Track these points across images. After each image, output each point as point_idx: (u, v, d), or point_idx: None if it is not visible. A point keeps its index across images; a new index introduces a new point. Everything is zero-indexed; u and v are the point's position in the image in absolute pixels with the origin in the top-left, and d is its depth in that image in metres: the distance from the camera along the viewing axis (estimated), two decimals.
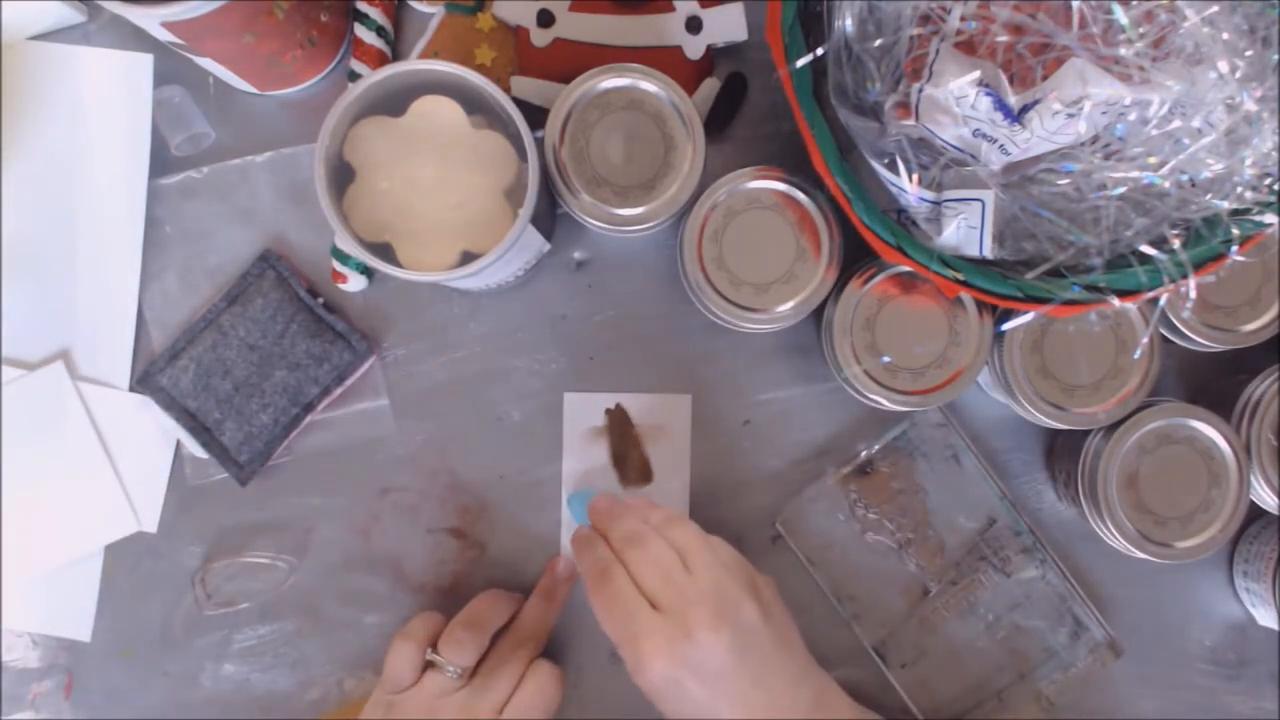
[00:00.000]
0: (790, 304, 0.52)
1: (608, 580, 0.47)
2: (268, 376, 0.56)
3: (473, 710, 0.52)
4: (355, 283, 0.57)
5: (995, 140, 0.44)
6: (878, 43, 0.45)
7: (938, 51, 0.43)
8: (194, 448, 0.56)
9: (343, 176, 0.50)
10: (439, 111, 0.50)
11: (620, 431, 0.58)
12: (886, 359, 0.52)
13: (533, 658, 0.54)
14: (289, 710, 0.58)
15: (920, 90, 0.43)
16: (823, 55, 0.46)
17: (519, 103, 0.49)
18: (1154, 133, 0.43)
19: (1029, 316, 0.49)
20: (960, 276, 0.47)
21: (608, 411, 0.58)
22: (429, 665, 0.53)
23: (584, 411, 0.58)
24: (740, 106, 0.59)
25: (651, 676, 0.45)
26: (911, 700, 0.57)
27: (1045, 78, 0.42)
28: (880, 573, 0.58)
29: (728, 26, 0.56)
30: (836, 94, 0.47)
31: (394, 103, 0.49)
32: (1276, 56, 0.43)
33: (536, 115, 0.51)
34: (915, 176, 0.45)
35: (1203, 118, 0.42)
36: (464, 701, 0.52)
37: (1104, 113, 0.42)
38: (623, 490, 0.58)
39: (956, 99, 0.42)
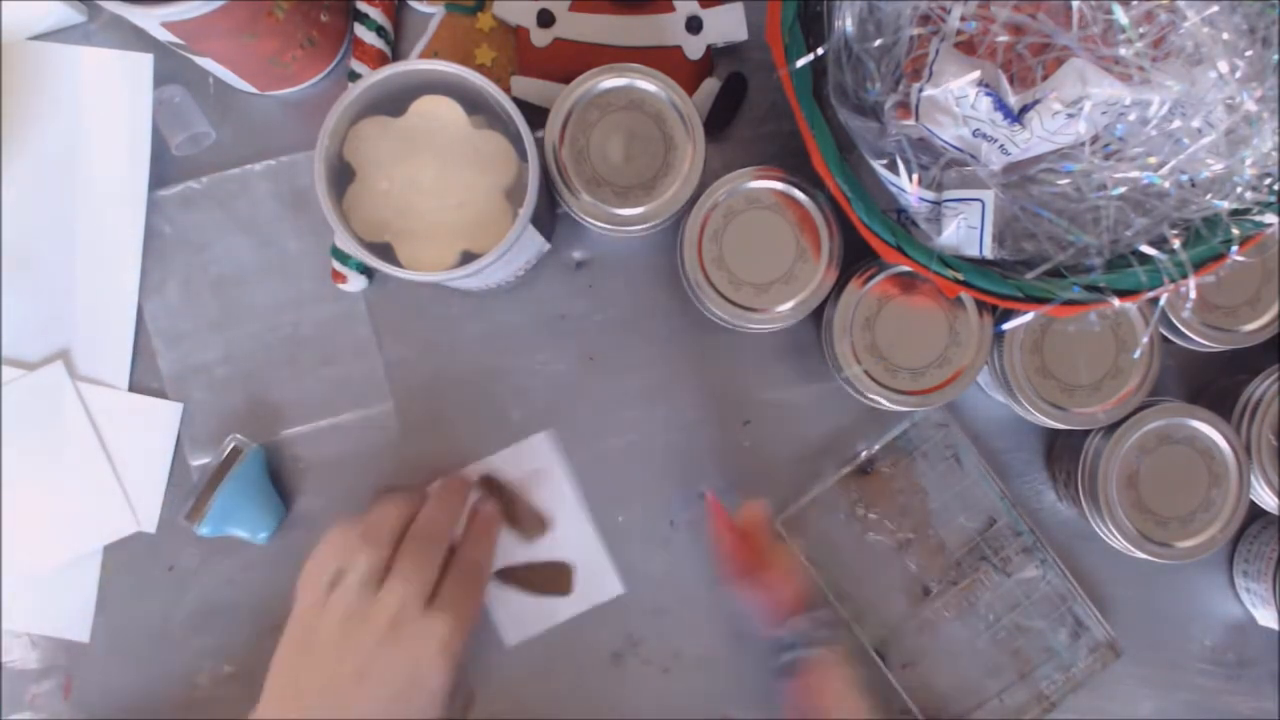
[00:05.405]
0: (790, 304, 0.52)
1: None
2: None
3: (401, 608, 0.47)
4: (355, 283, 0.57)
5: (995, 140, 0.44)
6: (878, 43, 0.45)
7: (938, 51, 0.43)
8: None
9: (343, 176, 0.50)
10: (439, 111, 0.50)
11: (500, 496, 0.56)
12: (886, 359, 0.52)
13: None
14: None
15: (920, 90, 0.43)
16: (823, 55, 0.46)
17: (519, 103, 0.49)
18: (1154, 133, 0.43)
19: (1029, 316, 0.49)
20: (960, 276, 0.47)
21: (480, 484, 0.56)
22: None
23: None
24: (740, 106, 0.59)
25: None
26: (911, 700, 0.57)
27: (1045, 78, 0.42)
28: (880, 573, 0.58)
29: (728, 26, 0.56)
30: (836, 94, 0.47)
31: (394, 103, 0.49)
32: (1276, 56, 0.43)
33: (536, 115, 0.51)
34: (915, 176, 0.45)
35: (1203, 118, 0.42)
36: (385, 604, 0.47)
37: (1104, 113, 0.42)
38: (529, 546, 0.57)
39: (956, 99, 0.42)
